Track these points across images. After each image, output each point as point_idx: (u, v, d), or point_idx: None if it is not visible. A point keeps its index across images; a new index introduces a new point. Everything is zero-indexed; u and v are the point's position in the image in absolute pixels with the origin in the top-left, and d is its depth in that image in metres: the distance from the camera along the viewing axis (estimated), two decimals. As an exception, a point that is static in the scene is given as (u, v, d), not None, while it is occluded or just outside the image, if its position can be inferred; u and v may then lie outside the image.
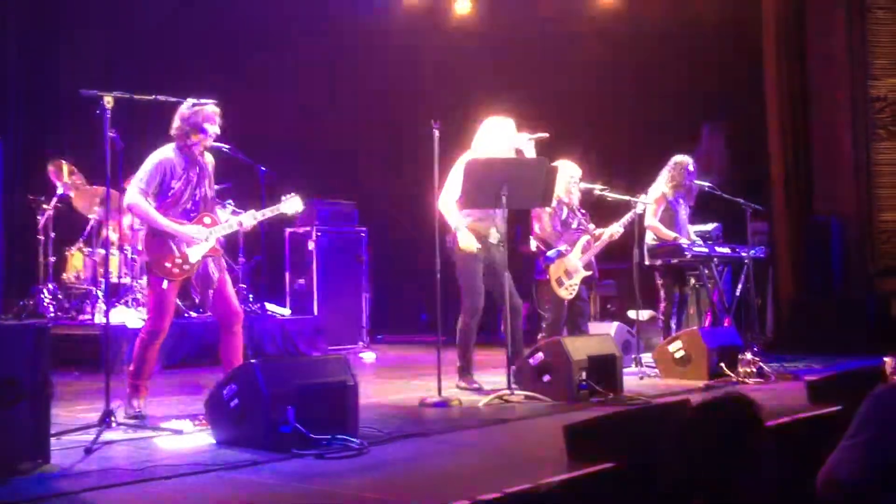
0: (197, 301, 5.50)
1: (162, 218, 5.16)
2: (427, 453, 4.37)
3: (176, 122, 5.25)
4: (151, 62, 9.49)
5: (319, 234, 9.68)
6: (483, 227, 6.41)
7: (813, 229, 9.58)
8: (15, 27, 9.02)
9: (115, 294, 8.20)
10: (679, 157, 7.95)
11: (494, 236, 6.44)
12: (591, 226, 7.59)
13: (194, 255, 5.24)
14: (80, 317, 8.32)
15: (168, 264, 5.18)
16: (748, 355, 6.91)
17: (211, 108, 5.27)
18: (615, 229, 7.49)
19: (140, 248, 8.27)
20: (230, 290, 5.46)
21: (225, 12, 10.19)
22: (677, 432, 2.41)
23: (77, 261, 8.64)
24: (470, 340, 6.42)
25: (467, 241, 6.31)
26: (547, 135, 6.49)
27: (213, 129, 5.28)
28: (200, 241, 5.25)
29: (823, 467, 2.86)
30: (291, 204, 5.59)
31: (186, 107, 5.23)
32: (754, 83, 9.96)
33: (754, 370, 6.79)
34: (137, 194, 5.14)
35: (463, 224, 6.33)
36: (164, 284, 5.17)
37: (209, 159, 5.43)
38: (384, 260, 10.89)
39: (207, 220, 5.35)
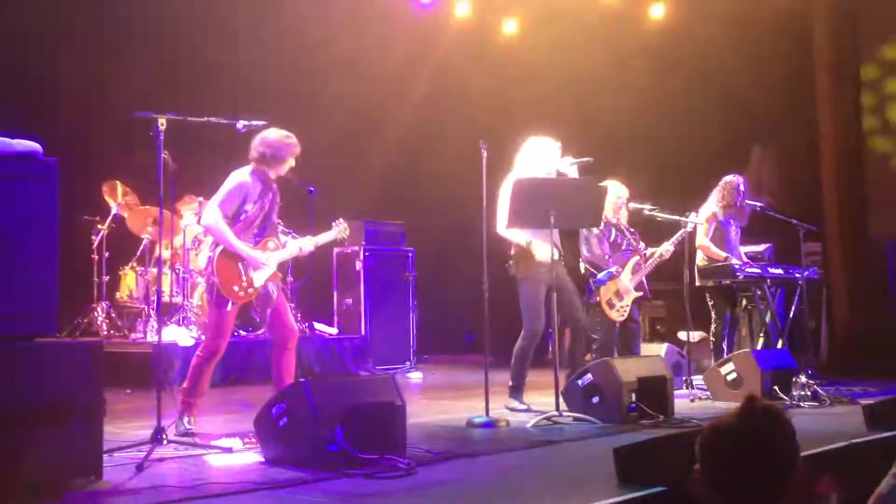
0: (258, 320, 5.57)
1: (236, 240, 5.24)
2: (475, 474, 4.34)
3: (259, 148, 5.32)
4: (202, 84, 9.63)
5: (367, 253, 9.72)
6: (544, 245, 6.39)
7: (868, 250, 9.40)
8: (69, 48, 9.21)
9: (167, 313, 8.32)
10: (730, 177, 7.87)
11: (555, 253, 6.42)
12: (642, 245, 7.52)
13: (259, 279, 5.33)
14: (133, 335, 8.45)
15: (235, 287, 5.26)
16: (803, 378, 6.78)
17: (295, 142, 5.36)
18: (665, 248, 7.42)
19: (192, 267, 8.39)
20: (287, 308, 5.55)
21: (274, 36, 10.32)
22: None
23: (130, 280, 8.78)
24: (525, 362, 6.40)
25: (544, 252, 6.28)
26: (591, 159, 6.45)
27: (292, 163, 5.41)
28: (266, 265, 5.33)
29: (873, 495, 2.82)
30: (341, 230, 5.84)
31: (276, 135, 5.31)
32: (805, 102, 9.83)
33: (809, 393, 6.66)
34: (215, 215, 5.22)
35: (531, 238, 6.31)
36: (229, 307, 5.25)
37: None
38: (431, 279, 10.89)
39: (272, 244, 5.45)
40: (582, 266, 7.41)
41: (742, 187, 7.84)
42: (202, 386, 5.31)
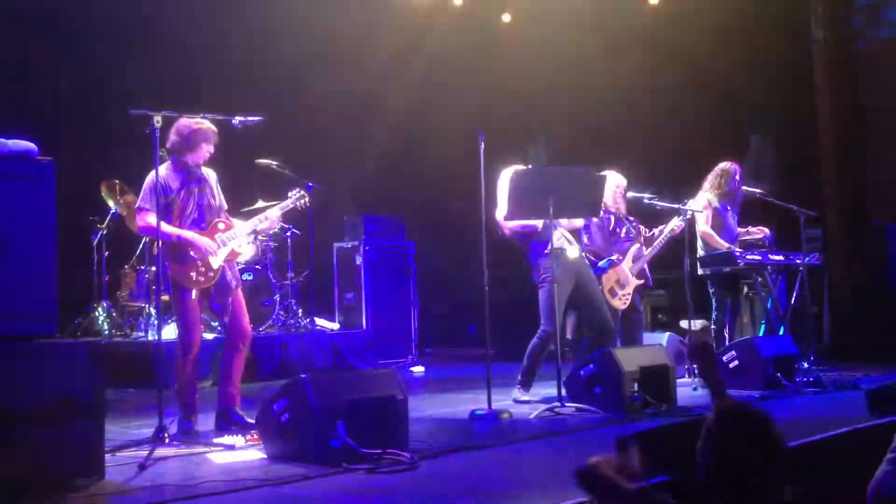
0: (220, 312, 5.49)
1: (178, 230, 5.22)
2: (478, 467, 4.34)
3: (171, 137, 5.31)
4: (199, 82, 9.61)
5: (367, 248, 9.71)
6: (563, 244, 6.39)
7: (869, 235, 9.39)
8: (65, 47, 9.20)
9: (168, 311, 8.29)
10: (725, 164, 7.82)
11: (572, 251, 6.41)
12: (644, 229, 7.49)
13: (216, 261, 5.30)
14: (134, 334, 8.44)
15: (193, 274, 5.24)
16: (805, 364, 6.77)
17: (210, 126, 5.32)
18: (675, 224, 7.34)
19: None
20: (243, 307, 5.47)
21: (269, 33, 10.30)
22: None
23: (130, 279, 8.77)
24: (539, 360, 6.39)
25: (571, 251, 6.31)
26: None
27: (209, 149, 5.36)
28: (214, 251, 5.29)
29: (873, 480, 2.88)
30: (298, 197, 5.82)
31: (185, 123, 5.29)
32: (803, 89, 9.80)
33: (811, 379, 6.66)
34: (145, 216, 5.20)
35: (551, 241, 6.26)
36: (193, 295, 5.23)
37: (209, 172, 5.47)
38: (432, 273, 10.88)
39: (221, 225, 5.41)
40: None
41: (738, 175, 7.81)
42: (191, 382, 5.28)
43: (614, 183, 7.31)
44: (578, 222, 6.72)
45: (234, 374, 5.36)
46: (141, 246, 8.78)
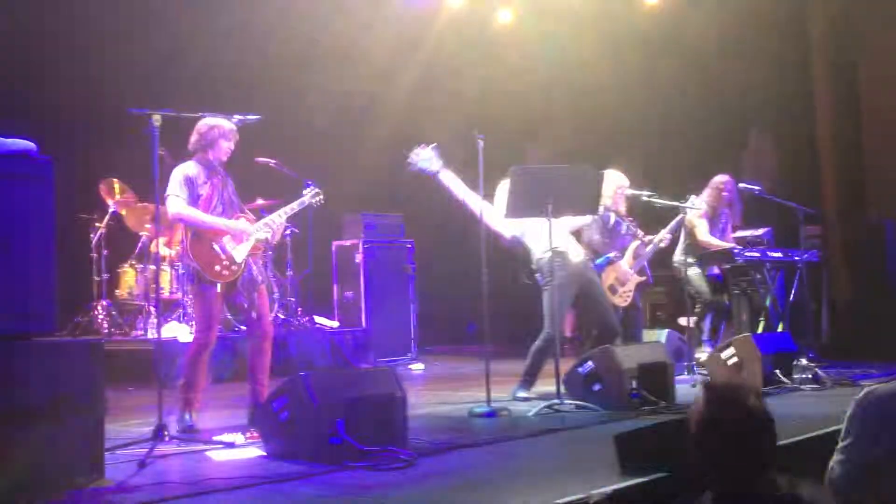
0: (246, 306, 5.52)
1: (209, 217, 5.29)
2: (477, 464, 4.34)
3: (194, 137, 5.41)
4: (199, 81, 9.62)
5: (367, 246, 9.72)
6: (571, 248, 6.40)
7: (867, 232, 9.40)
8: (64, 46, 9.21)
9: (167, 309, 8.32)
10: (717, 178, 7.96)
11: (576, 254, 6.41)
12: (640, 232, 7.51)
13: (240, 254, 5.35)
14: (134, 332, 8.45)
15: (218, 267, 5.27)
16: (804, 361, 6.78)
17: (228, 125, 5.38)
18: (662, 236, 7.41)
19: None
20: (266, 304, 5.56)
21: (269, 32, 10.29)
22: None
23: (129, 277, 8.79)
24: (542, 361, 6.40)
25: (574, 254, 6.34)
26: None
27: (228, 145, 5.42)
28: (250, 233, 5.37)
29: (826, 479, 3.01)
30: (313, 194, 5.97)
31: (204, 123, 5.37)
32: (802, 86, 9.80)
33: (810, 376, 6.67)
34: (177, 203, 5.26)
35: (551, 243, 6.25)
36: (219, 288, 5.26)
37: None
38: (431, 270, 10.89)
39: (243, 220, 5.48)
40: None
41: (726, 190, 7.87)
42: (199, 380, 5.32)
43: (615, 183, 7.32)
44: (580, 220, 6.70)
45: (260, 373, 5.46)
46: (140, 244, 8.80)
